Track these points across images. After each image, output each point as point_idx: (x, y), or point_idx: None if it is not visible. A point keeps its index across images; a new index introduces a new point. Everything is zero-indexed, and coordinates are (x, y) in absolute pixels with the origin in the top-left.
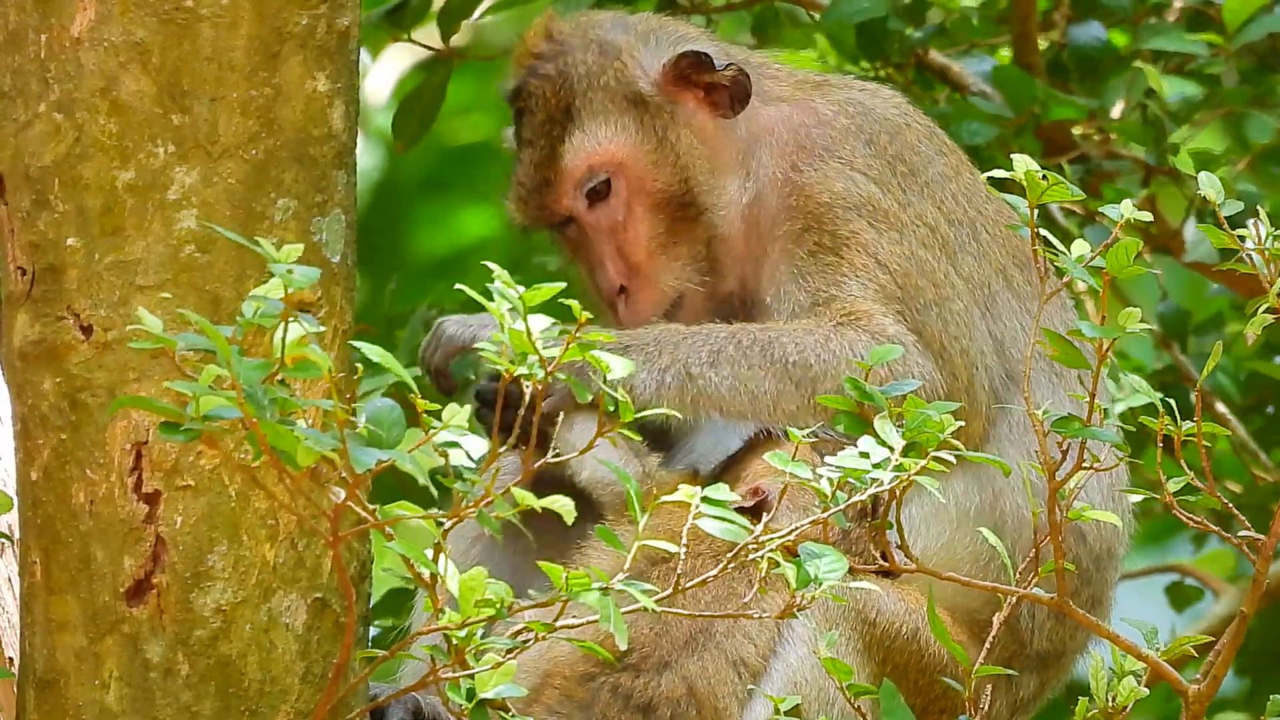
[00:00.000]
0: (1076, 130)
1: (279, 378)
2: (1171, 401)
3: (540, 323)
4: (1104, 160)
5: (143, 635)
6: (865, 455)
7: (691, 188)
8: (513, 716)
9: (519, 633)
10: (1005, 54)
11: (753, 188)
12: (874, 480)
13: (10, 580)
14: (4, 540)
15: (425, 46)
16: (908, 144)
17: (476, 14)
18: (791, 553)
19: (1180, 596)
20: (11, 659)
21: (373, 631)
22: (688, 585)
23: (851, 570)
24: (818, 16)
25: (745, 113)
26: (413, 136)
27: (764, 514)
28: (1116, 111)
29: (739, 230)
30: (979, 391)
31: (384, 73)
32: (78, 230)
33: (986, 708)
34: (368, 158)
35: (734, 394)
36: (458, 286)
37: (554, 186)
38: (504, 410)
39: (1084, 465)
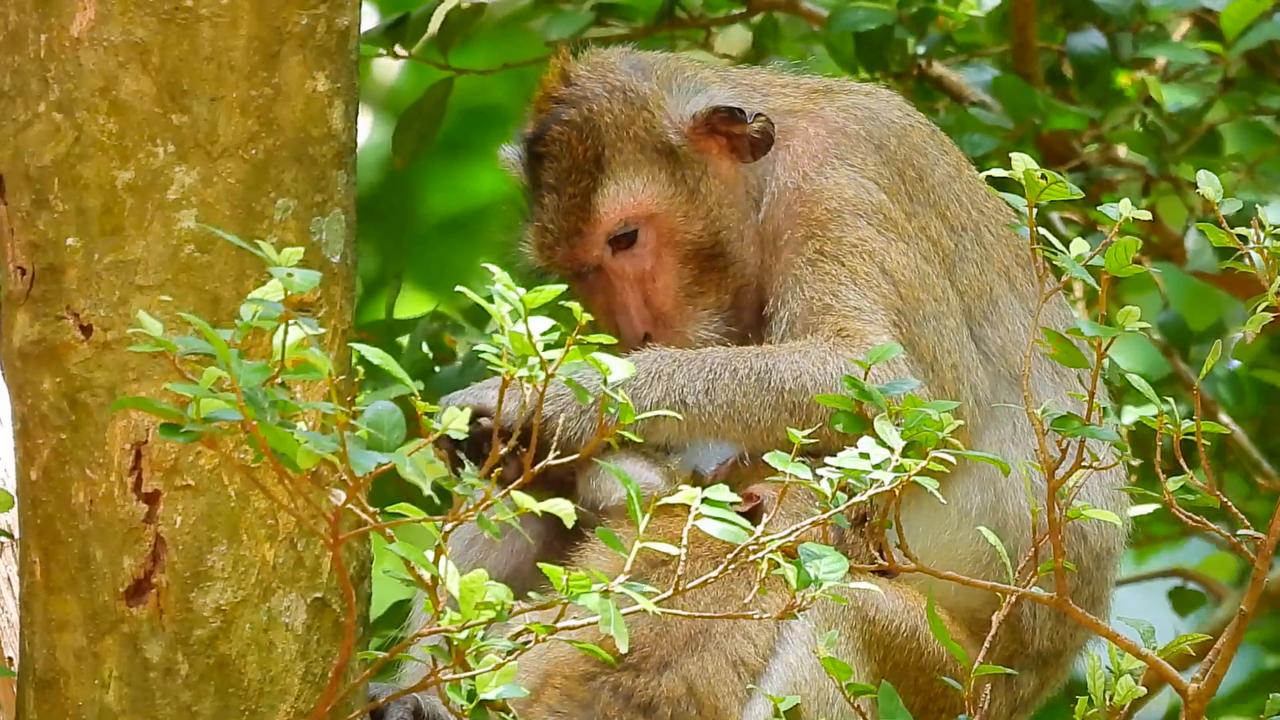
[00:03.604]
0: (1078, 137)
1: (279, 380)
2: (1170, 400)
3: (541, 325)
4: (1104, 168)
5: (142, 635)
6: (865, 456)
7: (721, 238)
8: (513, 717)
9: (519, 634)
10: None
11: (767, 204)
12: (874, 481)
13: (10, 580)
14: (4, 540)
15: (425, 61)
16: (914, 146)
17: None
18: (789, 555)
19: (1183, 600)
20: (11, 659)
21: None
22: (688, 587)
23: (851, 569)
24: (818, 28)
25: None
26: (413, 151)
27: (758, 519)
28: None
29: (754, 254)
30: (965, 404)
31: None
32: (77, 230)
33: (986, 706)
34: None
35: (729, 422)
36: (458, 289)
37: (584, 237)
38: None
39: (1083, 464)
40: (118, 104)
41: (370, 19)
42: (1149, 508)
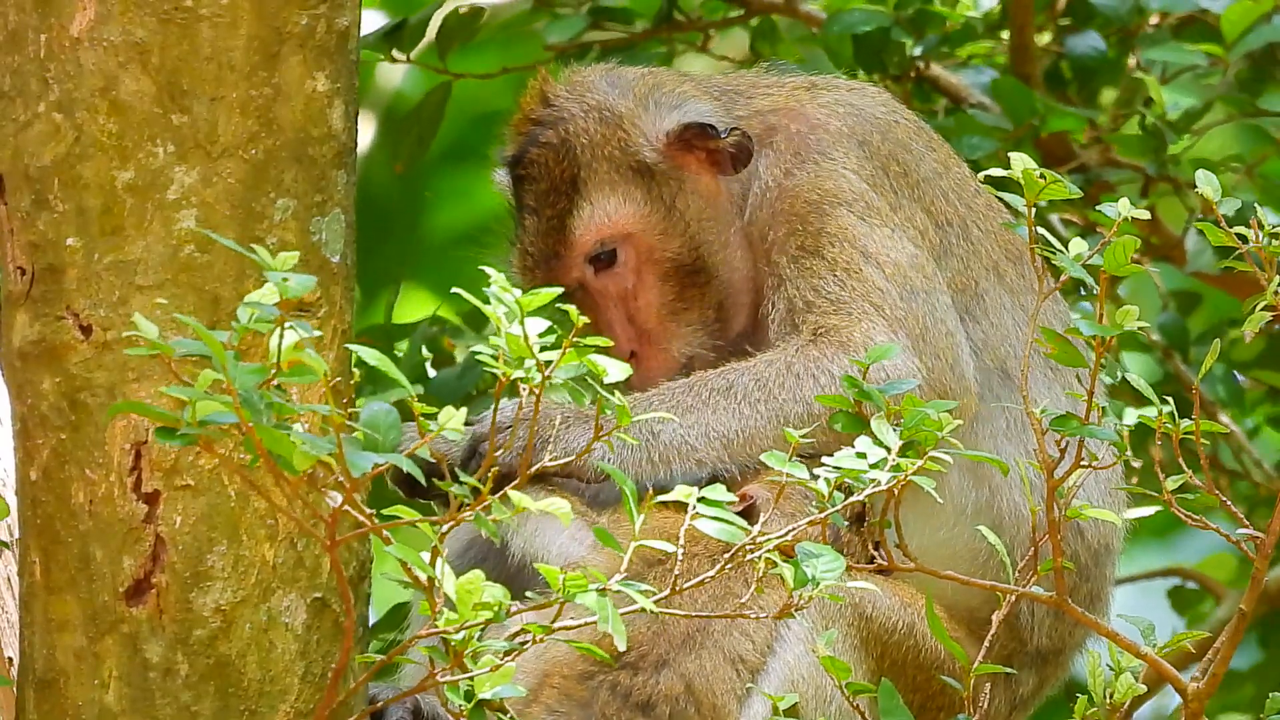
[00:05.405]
0: (1078, 138)
1: (275, 383)
2: (1170, 400)
3: (537, 326)
4: (1103, 168)
5: (142, 635)
6: (862, 455)
7: (702, 253)
8: (511, 717)
9: (516, 634)
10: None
11: (751, 205)
12: (871, 480)
13: (10, 580)
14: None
15: (425, 65)
16: (899, 142)
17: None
18: (786, 554)
19: (1182, 600)
20: (11, 659)
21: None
22: (685, 586)
23: (848, 568)
24: (816, 31)
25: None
26: (411, 155)
27: (753, 520)
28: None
29: (743, 260)
30: (965, 369)
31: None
32: (77, 230)
33: (986, 705)
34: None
35: (705, 441)
36: (455, 291)
37: (563, 259)
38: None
39: (1082, 463)
40: (118, 104)
41: (373, 22)
42: (1150, 510)
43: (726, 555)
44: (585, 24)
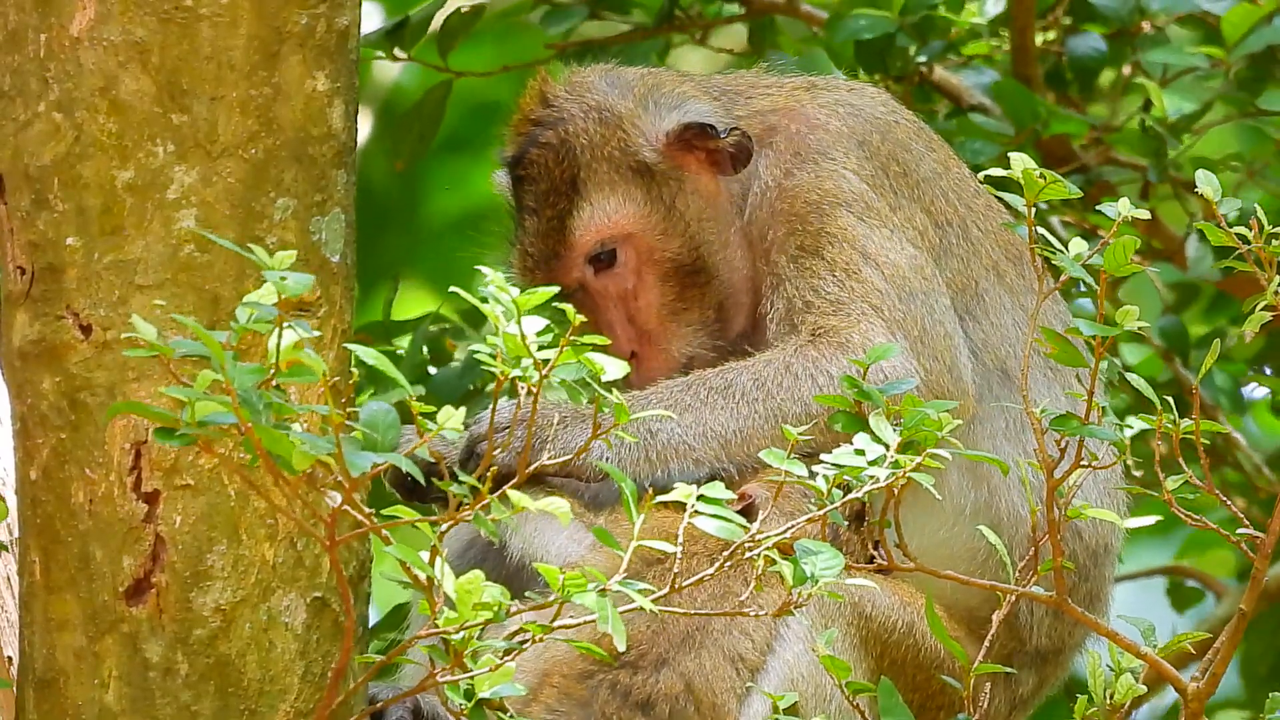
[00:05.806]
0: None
1: (274, 383)
2: (1170, 399)
3: (535, 325)
4: (1103, 166)
5: (142, 635)
6: (860, 452)
7: (702, 253)
8: (511, 716)
9: (516, 634)
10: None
11: (750, 205)
12: (870, 478)
13: (10, 580)
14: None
15: (425, 64)
16: (899, 142)
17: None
18: (785, 552)
19: (1181, 597)
20: (11, 659)
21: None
22: (684, 584)
23: (847, 566)
24: (817, 30)
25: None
26: (412, 153)
27: (751, 519)
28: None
29: (743, 260)
30: (963, 371)
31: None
32: (77, 230)
33: (985, 705)
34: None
35: (703, 441)
36: (453, 289)
37: (562, 259)
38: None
39: (1082, 463)
40: (118, 104)
41: (374, 20)
42: (1153, 519)
43: (725, 553)
44: (583, 15)
